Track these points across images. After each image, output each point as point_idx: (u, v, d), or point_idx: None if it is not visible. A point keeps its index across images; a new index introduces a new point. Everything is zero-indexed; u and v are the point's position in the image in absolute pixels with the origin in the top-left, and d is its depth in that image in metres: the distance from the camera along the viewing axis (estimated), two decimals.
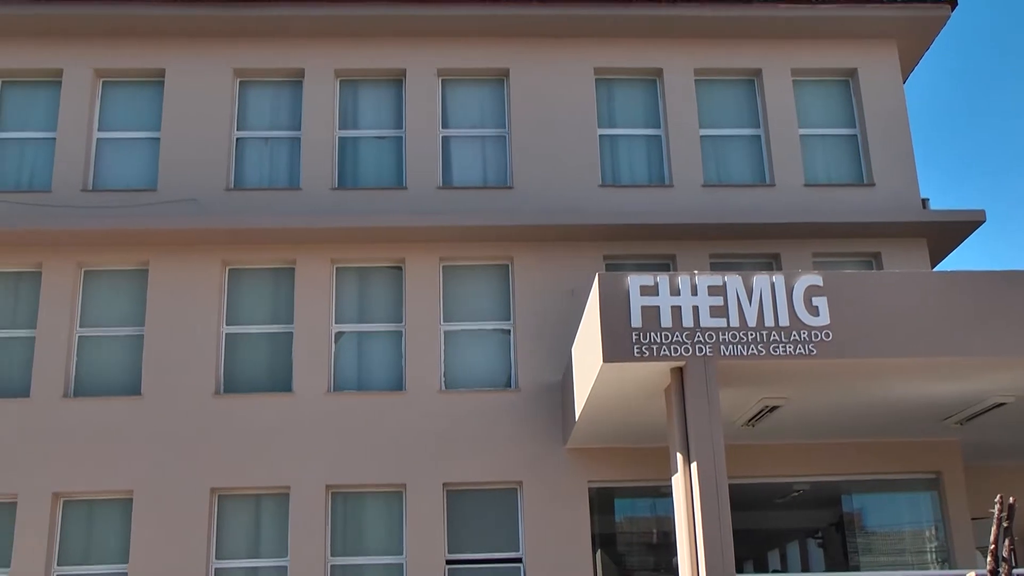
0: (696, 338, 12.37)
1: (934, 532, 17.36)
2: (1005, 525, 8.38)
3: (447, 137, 19.06)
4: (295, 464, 16.83)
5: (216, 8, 18.59)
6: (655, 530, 17.40)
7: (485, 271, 18.30)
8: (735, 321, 12.45)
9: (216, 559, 16.61)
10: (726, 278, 12.65)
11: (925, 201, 18.74)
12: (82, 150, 18.44)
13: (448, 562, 16.64)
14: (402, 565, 16.65)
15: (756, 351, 12.36)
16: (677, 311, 12.45)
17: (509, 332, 17.93)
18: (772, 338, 12.40)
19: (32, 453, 16.72)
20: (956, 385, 13.66)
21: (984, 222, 18.18)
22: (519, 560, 16.74)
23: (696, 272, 12.77)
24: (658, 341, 12.35)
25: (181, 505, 16.56)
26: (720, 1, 18.95)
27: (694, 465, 12.14)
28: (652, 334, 12.35)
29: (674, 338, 12.36)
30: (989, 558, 8.35)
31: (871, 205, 18.60)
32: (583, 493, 16.90)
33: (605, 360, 12.38)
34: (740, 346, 12.37)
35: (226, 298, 17.91)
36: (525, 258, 18.07)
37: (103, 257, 17.84)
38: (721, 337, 12.39)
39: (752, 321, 12.46)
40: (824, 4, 18.95)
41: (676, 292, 12.52)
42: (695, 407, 12.27)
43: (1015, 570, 11.06)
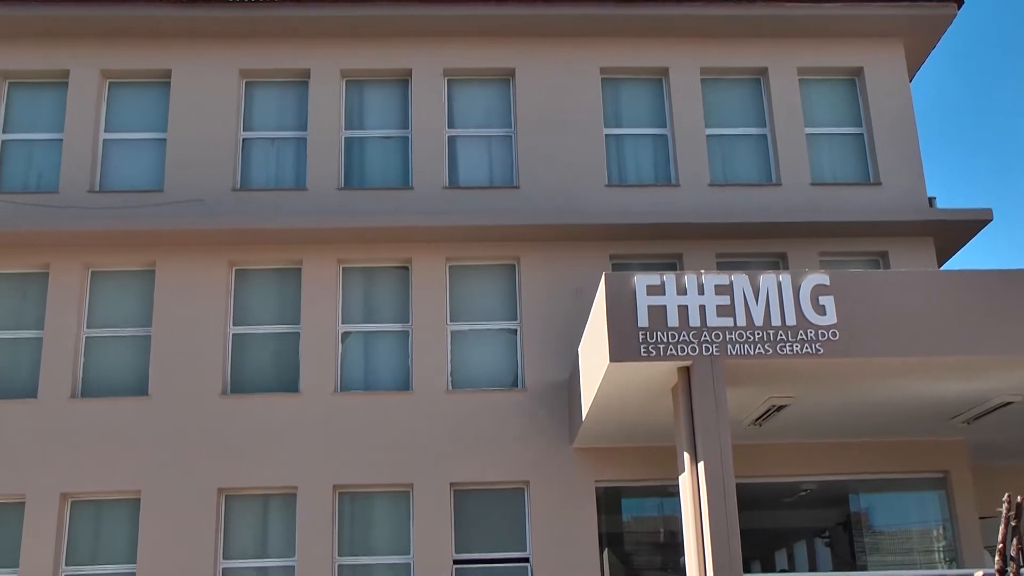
0: (703, 337, 12.37)
1: (942, 531, 17.33)
2: (1013, 524, 8.37)
3: (453, 137, 19.06)
4: (302, 464, 16.85)
5: (222, 9, 18.61)
6: (662, 530, 17.40)
7: (491, 271, 18.30)
8: (742, 320, 12.45)
9: (224, 559, 16.63)
10: (733, 277, 12.64)
11: (932, 200, 18.71)
12: (89, 151, 18.47)
13: (455, 562, 16.64)
14: (409, 565, 16.66)
15: (763, 350, 12.36)
16: (684, 310, 12.45)
17: (516, 332, 17.93)
18: (779, 337, 12.39)
19: (40, 453, 16.76)
20: (963, 384, 13.64)
21: (991, 221, 18.18)
22: (526, 560, 16.74)
23: (703, 271, 12.77)
24: (665, 341, 12.34)
25: (188, 505, 16.58)
26: (726, 0, 18.94)
27: (701, 464, 12.13)
28: (659, 334, 12.35)
29: (681, 337, 12.36)
30: (997, 557, 8.35)
31: (878, 204, 18.57)
32: (590, 493, 16.89)
33: (612, 360, 12.38)
34: (747, 345, 12.36)
35: (233, 298, 17.93)
36: (531, 258, 18.07)
37: (110, 258, 17.87)
38: (728, 336, 12.38)
39: (759, 320, 12.45)
40: (830, 3, 18.92)
41: (683, 291, 12.52)
42: (702, 407, 12.27)
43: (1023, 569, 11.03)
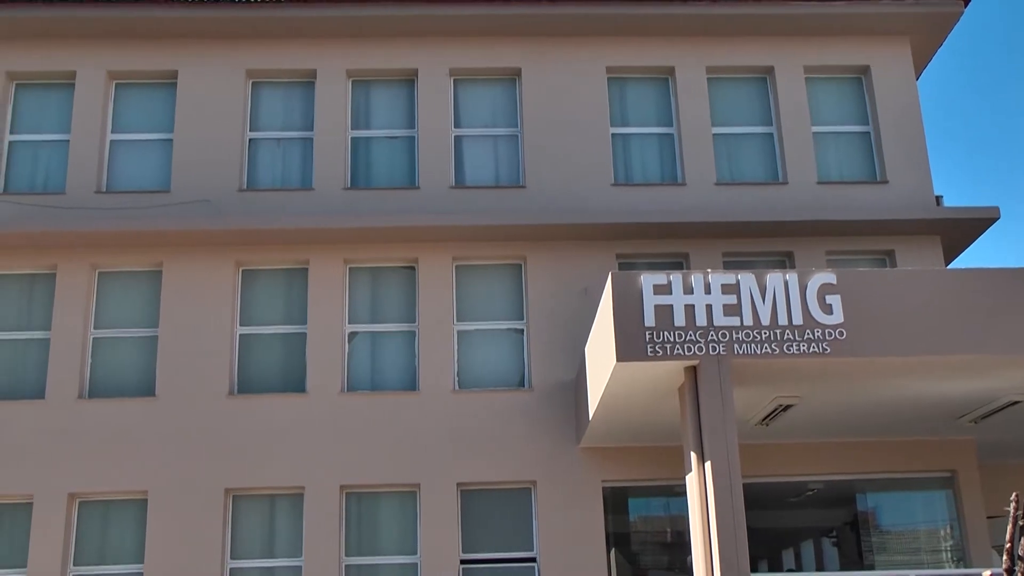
0: (709, 337, 12.36)
1: (949, 531, 17.30)
2: (1021, 523, 8.35)
3: (459, 137, 19.07)
4: (309, 464, 16.86)
5: (228, 10, 18.63)
6: (669, 529, 17.38)
7: (498, 270, 18.30)
8: (748, 320, 12.43)
9: (231, 559, 16.66)
10: (739, 276, 12.63)
11: (939, 198, 18.69)
12: (95, 152, 18.50)
13: (462, 562, 16.64)
14: (416, 565, 16.66)
15: (770, 350, 12.34)
16: (690, 310, 12.43)
17: (522, 331, 17.93)
18: (786, 337, 12.37)
19: (47, 454, 16.79)
20: (970, 383, 13.61)
21: (998, 219, 18.14)
22: (533, 560, 16.74)
23: (709, 271, 12.75)
24: (671, 340, 12.33)
25: (196, 505, 16.60)
26: None
27: (708, 464, 12.12)
28: (665, 333, 12.34)
29: (687, 337, 12.35)
30: (1005, 557, 8.33)
31: (884, 202, 18.54)
32: (597, 492, 16.89)
33: (619, 359, 12.37)
34: (754, 345, 12.35)
35: (239, 299, 17.96)
36: (538, 257, 18.06)
37: (117, 258, 17.90)
38: (735, 336, 12.37)
39: (766, 320, 12.43)
40: (836, 1, 18.89)
41: (689, 291, 12.50)
42: (709, 406, 12.25)
43: None
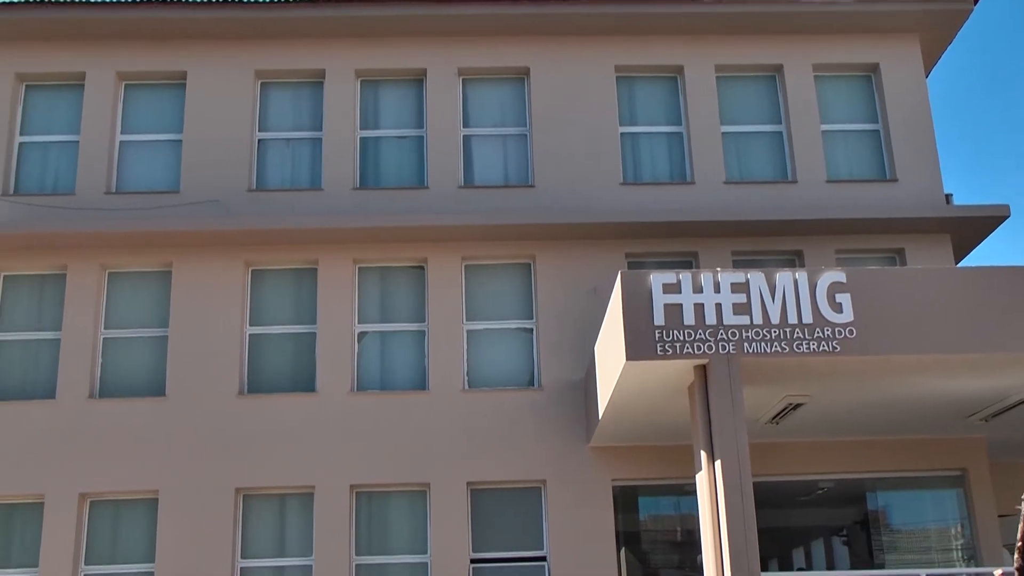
0: (719, 336, 12.35)
1: (960, 530, 17.27)
2: None
3: (468, 136, 19.07)
4: (319, 464, 16.89)
5: (237, 10, 18.66)
6: (679, 528, 17.38)
7: (507, 270, 18.31)
8: (758, 318, 12.42)
9: (241, 558, 16.69)
10: (749, 275, 12.61)
11: (949, 196, 18.64)
12: (105, 153, 18.55)
13: (472, 561, 16.66)
14: (426, 564, 16.68)
15: (779, 348, 12.33)
16: (700, 309, 12.43)
17: (532, 331, 17.94)
18: (795, 335, 12.36)
19: (58, 454, 16.84)
20: (981, 381, 13.58)
21: (1008, 217, 18.07)
22: (543, 559, 16.74)
23: (719, 269, 12.74)
24: (681, 339, 12.33)
25: (206, 505, 16.64)
26: None
27: (718, 463, 12.12)
28: (675, 332, 12.34)
29: (697, 336, 12.34)
30: (1016, 555, 8.32)
31: (894, 201, 18.51)
32: (607, 491, 16.89)
33: (628, 358, 12.37)
34: (763, 343, 12.34)
35: (249, 299, 17.99)
36: (547, 257, 18.06)
37: (127, 259, 17.94)
38: (744, 335, 12.36)
39: (775, 318, 12.42)
40: None
41: (699, 290, 12.50)
42: (719, 405, 12.25)
43: None
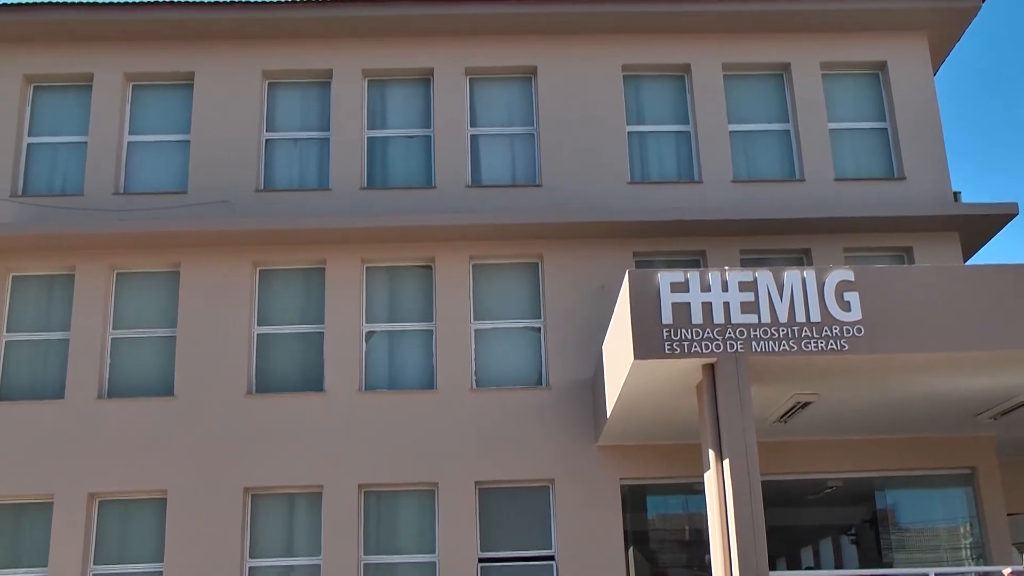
0: (727, 334, 12.34)
1: (969, 528, 17.23)
2: None
3: (475, 135, 19.08)
4: (327, 463, 16.91)
5: (244, 11, 18.68)
6: (687, 527, 17.37)
7: (515, 269, 18.31)
8: (766, 317, 12.40)
9: (250, 558, 16.72)
10: (757, 274, 12.60)
11: (957, 194, 18.60)
12: (113, 154, 18.58)
13: (481, 560, 16.67)
14: (435, 563, 16.69)
15: (788, 347, 12.31)
16: (708, 307, 12.42)
17: (539, 330, 17.94)
18: (804, 334, 12.34)
19: (67, 454, 16.88)
20: (989, 380, 13.55)
21: (1017, 215, 18.02)
22: (551, 558, 16.74)
23: (727, 268, 12.74)
24: (689, 338, 12.32)
25: (215, 504, 16.67)
26: None
27: (726, 462, 12.11)
28: (683, 331, 12.33)
29: (705, 335, 12.33)
30: None
31: (902, 199, 18.48)
32: (615, 490, 16.89)
33: (636, 357, 12.36)
34: (771, 342, 12.32)
35: (257, 299, 18.01)
36: (555, 256, 18.06)
37: (135, 259, 17.97)
38: (752, 333, 12.35)
39: (783, 317, 12.41)
40: None
41: (707, 288, 12.48)
42: (727, 404, 12.24)
43: None
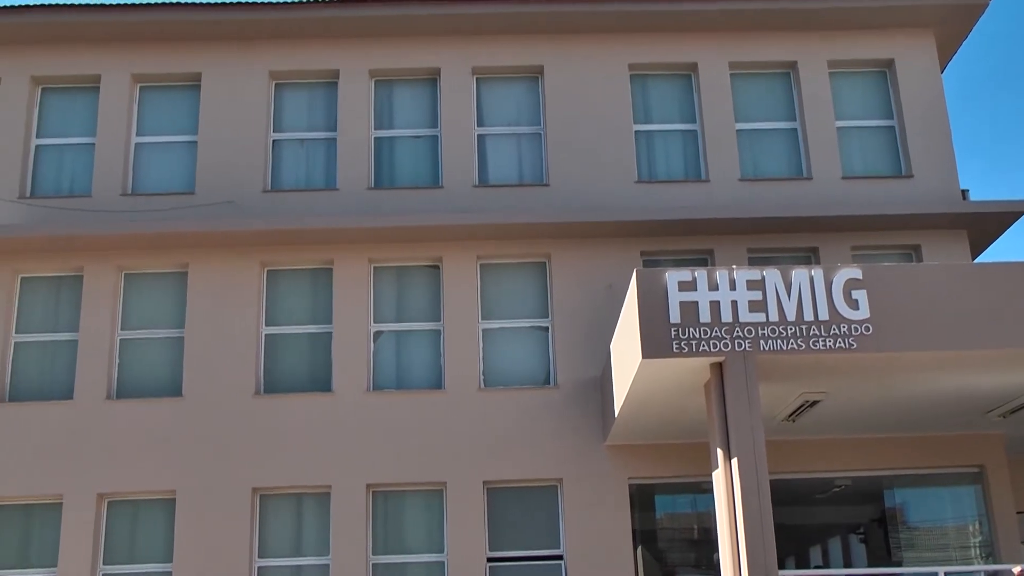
0: (735, 333, 12.33)
1: (978, 527, 17.21)
2: None
3: (482, 135, 19.08)
4: (336, 463, 16.92)
5: (251, 12, 18.71)
6: (696, 526, 17.35)
7: (522, 269, 18.31)
8: (774, 316, 12.39)
9: (259, 557, 16.74)
10: (765, 272, 12.58)
11: (965, 192, 18.57)
12: (121, 155, 18.62)
13: (489, 560, 16.67)
14: (443, 563, 16.70)
15: (796, 345, 12.30)
16: (716, 306, 12.41)
17: (547, 329, 17.94)
18: (812, 332, 12.33)
19: (76, 454, 16.92)
20: (998, 377, 13.53)
21: None
22: (560, 557, 16.74)
23: (734, 267, 12.73)
24: (697, 337, 12.31)
25: (223, 505, 16.70)
26: None
27: (735, 461, 12.10)
28: (691, 330, 12.32)
29: (713, 333, 12.32)
30: None
31: (910, 197, 18.46)
32: (623, 490, 16.88)
33: (644, 356, 12.36)
34: (780, 341, 12.31)
35: (265, 299, 18.03)
36: (562, 255, 18.06)
37: (143, 260, 18.00)
38: (760, 332, 12.33)
39: (791, 315, 12.39)
40: None
41: (715, 287, 12.48)
42: (735, 402, 12.22)
43: None
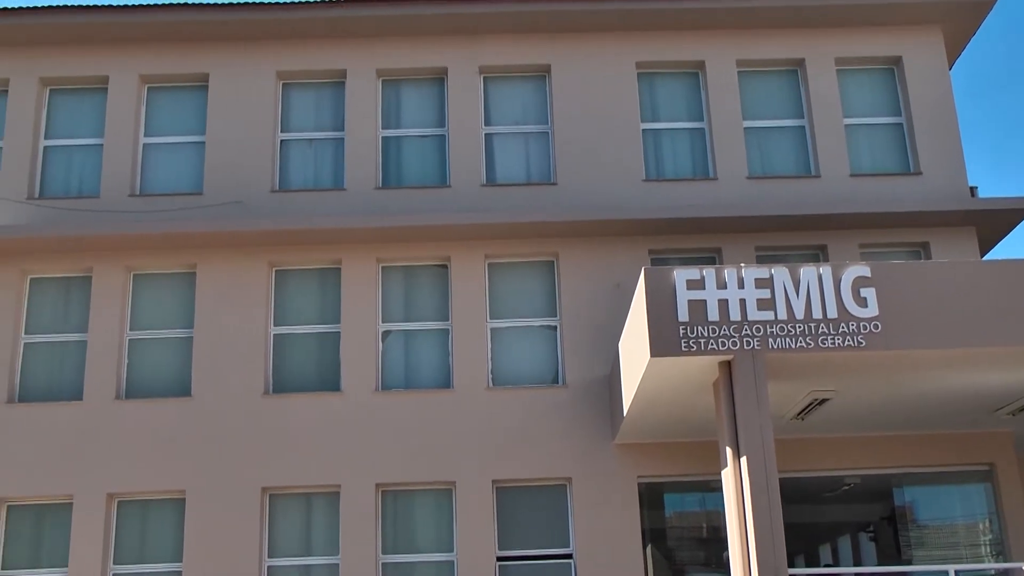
0: (744, 331, 12.31)
1: (988, 525, 17.17)
2: None
3: (490, 134, 19.08)
4: (345, 463, 16.94)
5: (258, 12, 18.72)
6: (705, 525, 17.34)
7: (530, 267, 18.31)
8: (783, 314, 12.38)
9: (268, 557, 16.76)
10: (773, 270, 12.57)
11: (973, 189, 18.53)
12: (129, 155, 18.65)
13: (499, 559, 16.67)
14: (453, 562, 16.71)
15: (804, 344, 12.29)
16: (724, 304, 12.40)
17: (555, 328, 17.93)
18: (820, 330, 12.32)
19: (86, 455, 16.96)
20: (1007, 375, 13.50)
21: None
22: (569, 556, 16.74)
23: (743, 265, 12.71)
24: (705, 335, 12.30)
25: (233, 504, 16.72)
26: None
27: (744, 459, 12.09)
28: (699, 328, 12.31)
29: (722, 332, 12.31)
30: None
31: (918, 194, 18.42)
32: (632, 488, 16.88)
33: (653, 355, 12.35)
34: (788, 339, 12.30)
35: (273, 299, 18.05)
36: (570, 254, 18.06)
37: (151, 261, 18.04)
38: (769, 330, 12.32)
39: (800, 313, 12.38)
40: None
41: (723, 285, 12.47)
42: (744, 401, 12.21)
43: None
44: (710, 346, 12.30)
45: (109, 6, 18.74)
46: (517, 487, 17.13)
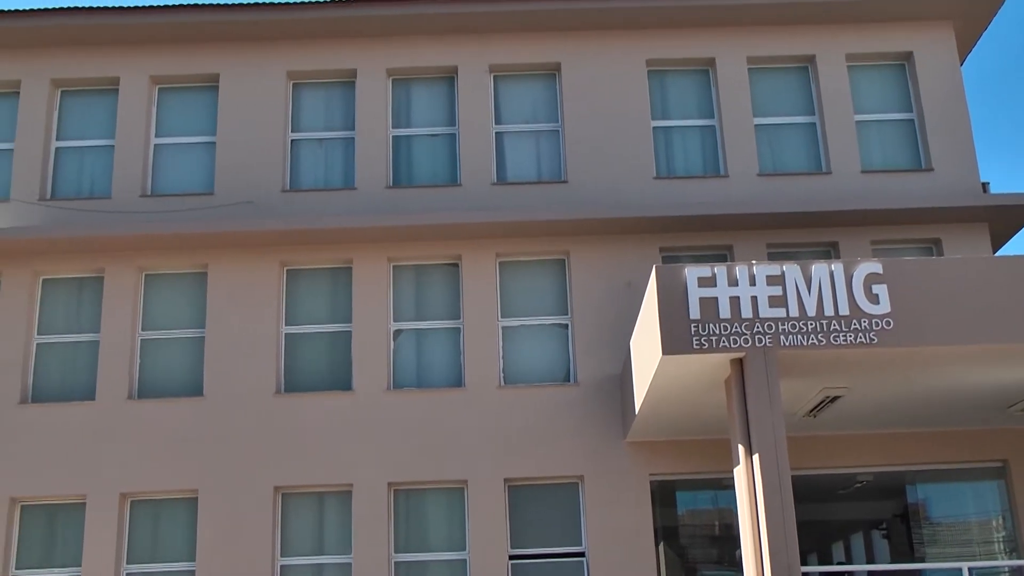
0: (755, 329, 12.29)
1: (1002, 522, 17.12)
2: None
3: (500, 133, 19.08)
4: (357, 462, 16.96)
5: (268, 12, 18.75)
6: (718, 523, 17.32)
7: (541, 266, 18.31)
8: (794, 311, 12.35)
9: (281, 556, 16.79)
10: (784, 267, 12.55)
11: (985, 185, 18.49)
12: (140, 156, 18.70)
13: (511, 557, 16.68)
14: (465, 561, 16.72)
15: (816, 341, 12.26)
16: (736, 302, 12.38)
17: (567, 326, 17.93)
18: (832, 327, 12.29)
19: (99, 454, 17.01)
20: (1020, 371, 13.45)
21: None
22: (582, 554, 16.74)
23: (754, 262, 12.68)
24: (717, 332, 12.28)
25: (245, 504, 16.76)
26: None
27: (756, 457, 12.07)
28: (711, 325, 12.29)
29: (733, 329, 12.29)
30: None
31: (930, 190, 18.37)
32: (645, 486, 16.87)
33: (664, 352, 12.33)
34: (800, 336, 12.27)
35: (284, 298, 18.08)
36: (581, 252, 18.05)
37: (163, 261, 18.08)
38: (781, 327, 12.29)
39: (812, 310, 12.35)
40: None
41: (734, 283, 12.44)
42: (756, 398, 12.19)
43: None
44: (722, 344, 12.28)
45: (119, 8, 18.81)
46: (529, 485, 17.14)
